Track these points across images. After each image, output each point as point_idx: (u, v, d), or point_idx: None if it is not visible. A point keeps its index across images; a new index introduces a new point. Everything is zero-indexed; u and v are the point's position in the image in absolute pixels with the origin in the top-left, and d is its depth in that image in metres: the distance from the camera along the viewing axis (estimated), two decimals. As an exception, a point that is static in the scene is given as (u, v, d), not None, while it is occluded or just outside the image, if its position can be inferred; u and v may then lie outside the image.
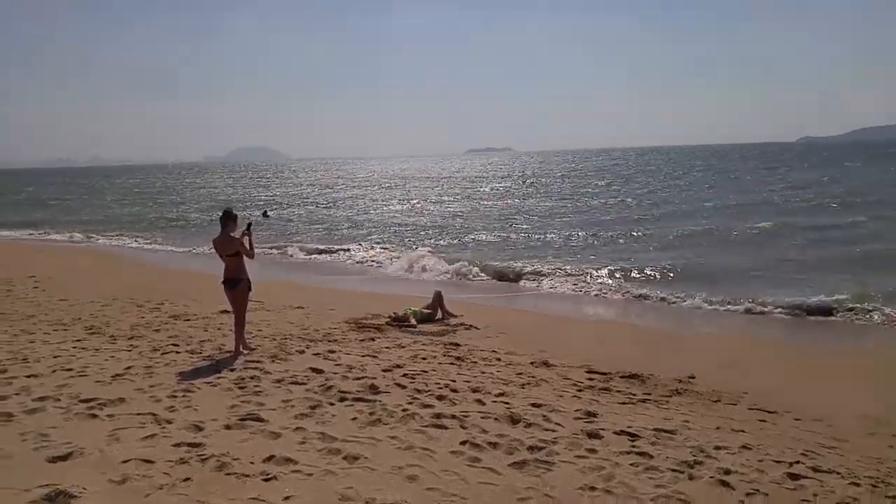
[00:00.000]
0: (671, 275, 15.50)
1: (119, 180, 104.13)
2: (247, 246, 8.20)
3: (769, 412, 6.64)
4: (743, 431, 5.94)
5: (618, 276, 15.49)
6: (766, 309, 11.94)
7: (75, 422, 5.54)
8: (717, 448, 5.39)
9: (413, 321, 10.61)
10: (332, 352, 8.34)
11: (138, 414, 5.71)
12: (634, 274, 15.74)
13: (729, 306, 12.26)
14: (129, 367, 7.32)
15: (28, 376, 6.88)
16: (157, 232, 29.41)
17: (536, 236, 23.59)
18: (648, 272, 15.78)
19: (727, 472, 4.89)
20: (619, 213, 30.91)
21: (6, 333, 9.06)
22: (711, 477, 4.79)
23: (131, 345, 8.53)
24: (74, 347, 8.30)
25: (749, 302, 12.20)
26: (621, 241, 21.90)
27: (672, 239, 21.77)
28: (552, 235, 23.61)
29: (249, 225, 8.47)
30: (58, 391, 6.35)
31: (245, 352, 8.13)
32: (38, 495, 4.10)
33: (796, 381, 7.97)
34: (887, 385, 7.99)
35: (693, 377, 7.82)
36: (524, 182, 60.94)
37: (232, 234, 8.16)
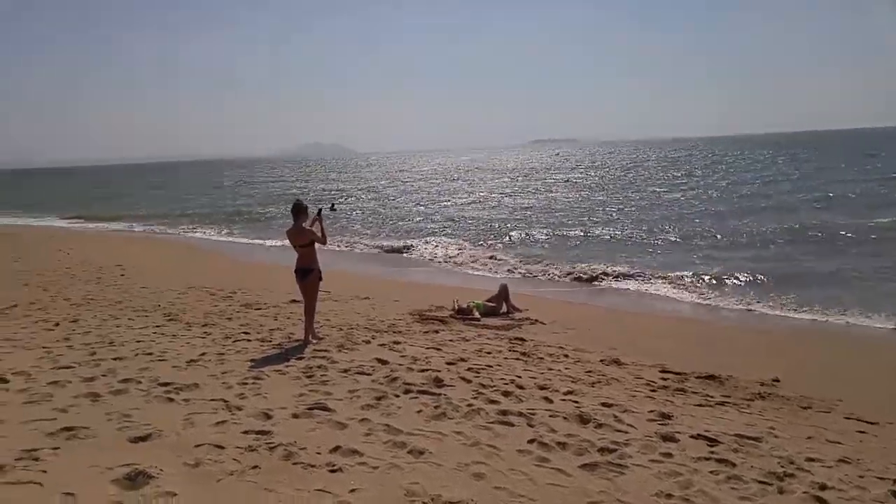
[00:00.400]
0: (762, 277, 13.99)
1: (195, 174, 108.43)
2: (318, 233, 8.34)
3: (869, 423, 6.12)
4: (839, 443, 5.48)
5: (703, 276, 14.25)
6: (864, 321, 10.59)
7: (154, 404, 5.73)
8: (810, 460, 4.98)
9: (477, 314, 10.51)
10: (397, 343, 8.34)
11: (211, 400, 5.85)
12: (716, 269, 14.66)
13: (820, 314, 11.04)
14: (202, 354, 7.53)
15: (114, 359, 7.20)
16: (232, 225, 30.39)
17: (612, 230, 22.52)
18: (737, 273, 14.35)
19: (823, 487, 4.49)
20: (702, 206, 28.86)
21: (96, 318, 9.54)
22: (805, 492, 4.40)
23: (205, 332, 8.79)
24: (154, 333, 8.64)
25: (851, 313, 10.83)
26: (707, 236, 20.37)
27: (763, 234, 19.99)
28: (629, 230, 22.44)
29: (320, 211, 8.64)
30: (140, 374, 6.61)
31: (313, 341, 8.24)
32: (120, 474, 4.24)
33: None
34: None
35: (777, 380, 7.35)
36: (596, 173, 59.26)
37: (304, 225, 8.30)
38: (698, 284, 13.74)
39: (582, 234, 22.22)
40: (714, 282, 13.89)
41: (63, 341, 8.01)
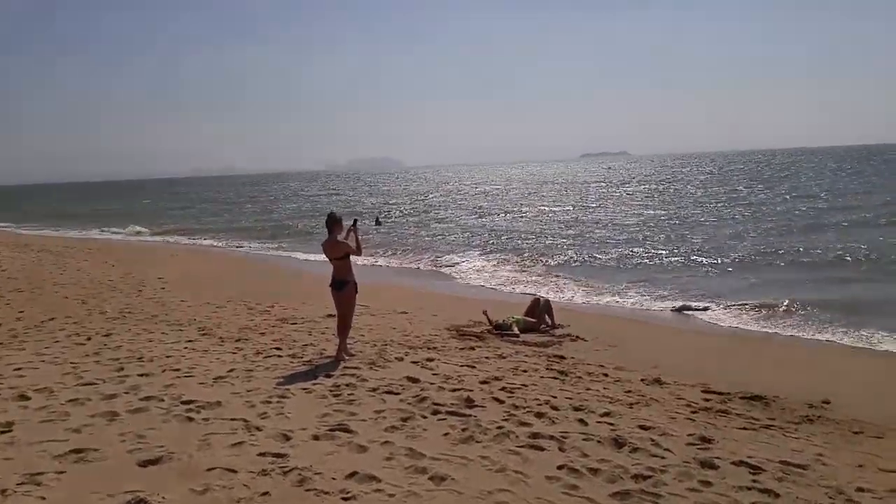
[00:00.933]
0: (823, 299, 12.53)
1: (253, 188, 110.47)
2: (353, 245, 8.24)
3: None
4: (893, 472, 5.07)
5: (761, 301, 12.59)
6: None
7: (173, 423, 5.66)
8: (860, 490, 4.60)
9: (516, 330, 10.22)
10: (431, 360, 8.15)
11: (231, 419, 5.75)
12: (778, 297, 12.66)
13: (877, 341, 9.92)
14: (231, 370, 7.47)
15: (140, 375, 7.19)
16: (278, 238, 30.63)
17: (668, 248, 20.76)
18: (797, 295, 12.74)
19: (872, 521, 4.11)
20: (765, 222, 26.64)
21: (130, 332, 9.62)
22: (853, 527, 4.03)
23: (237, 347, 8.75)
24: (186, 348, 8.64)
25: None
26: (768, 254, 18.41)
27: (829, 253, 17.93)
28: (686, 248, 20.44)
29: (355, 222, 8.58)
30: (163, 391, 6.57)
31: (346, 357, 8.11)
32: (121, 501, 4.14)
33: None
34: None
35: (828, 402, 6.89)
36: (650, 187, 56.19)
37: (339, 238, 8.23)
38: (755, 309, 12.27)
39: (633, 251, 20.60)
40: (773, 307, 12.30)
41: (92, 356, 8.06)
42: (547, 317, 10.86)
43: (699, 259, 18.58)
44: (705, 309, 12.48)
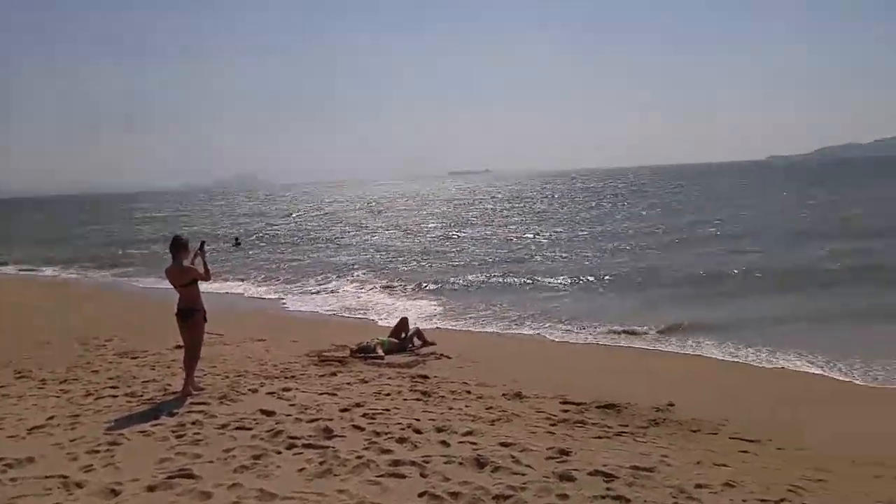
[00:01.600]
0: (677, 315, 12.86)
1: (106, 208, 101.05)
2: (200, 270, 7.65)
3: (750, 441, 6.27)
4: (725, 465, 5.48)
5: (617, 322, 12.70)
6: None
7: (-32, 490, 4.81)
8: (699, 486, 4.87)
9: (380, 352, 9.98)
10: (287, 390, 7.69)
11: (46, 477, 4.97)
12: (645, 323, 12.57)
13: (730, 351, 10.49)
14: (51, 418, 6.56)
15: (-74, 437, 6.08)
16: (123, 265, 27.91)
17: (541, 266, 20.97)
18: (652, 310, 13.45)
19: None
20: (630, 238, 27.58)
21: None
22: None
23: (62, 389, 7.76)
24: (-5, 396, 7.52)
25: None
26: (636, 272, 18.83)
27: (680, 271, 18.60)
28: (557, 266, 20.57)
29: (202, 244, 8.01)
30: (-41, 452, 5.58)
31: (194, 392, 7.45)
32: None
33: (783, 407, 7.58)
34: (867, 412, 7.63)
35: (672, 404, 7.38)
36: (521, 204, 57.80)
37: (184, 263, 7.59)
38: (614, 325, 12.52)
39: (504, 270, 20.56)
40: (633, 322, 12.58)
41: None
42: (416, 338, 10.75)
43: (563, 279, 18.47)
44: (569, 330, 12.58)
